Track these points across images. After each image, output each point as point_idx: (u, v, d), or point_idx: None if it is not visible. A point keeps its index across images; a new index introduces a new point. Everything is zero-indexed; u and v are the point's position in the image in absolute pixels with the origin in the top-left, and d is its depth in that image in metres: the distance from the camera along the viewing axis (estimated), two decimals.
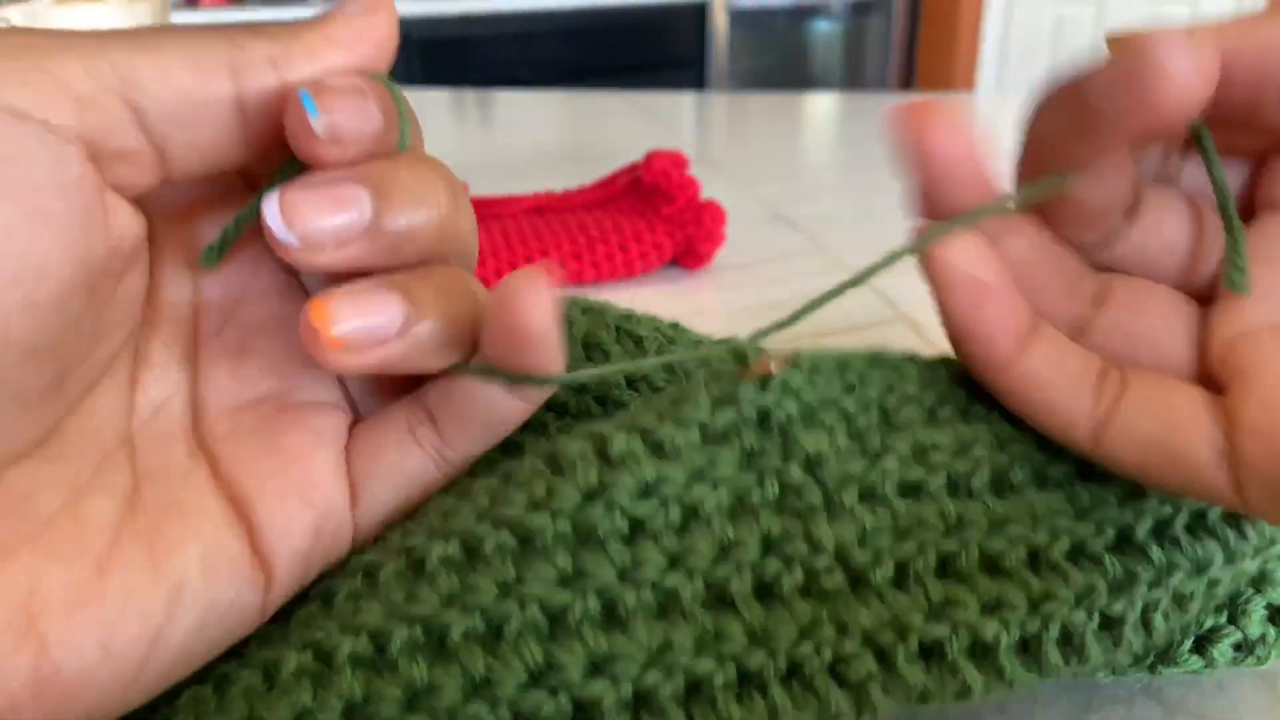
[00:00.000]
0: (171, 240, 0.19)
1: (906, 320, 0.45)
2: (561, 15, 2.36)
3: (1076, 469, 0.21)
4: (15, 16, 0.73)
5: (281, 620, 0.18)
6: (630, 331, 0.25)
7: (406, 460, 0.20)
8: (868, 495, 0.19)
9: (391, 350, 0.18)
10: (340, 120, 0.17)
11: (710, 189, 0.53)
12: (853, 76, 2.88)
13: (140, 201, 0.17)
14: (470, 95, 1.06)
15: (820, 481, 0.19)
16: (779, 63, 2.80)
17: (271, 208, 0.17)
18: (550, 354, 0.18)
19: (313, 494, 0.19)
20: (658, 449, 0.19)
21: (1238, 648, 0.22)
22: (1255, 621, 0.22)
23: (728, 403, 0.19)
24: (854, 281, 0.21)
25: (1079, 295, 0.21)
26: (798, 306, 0.21)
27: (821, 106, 1.09)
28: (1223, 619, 0.22)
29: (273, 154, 0.18)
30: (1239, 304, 0.19)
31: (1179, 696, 0.23)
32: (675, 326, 0.26)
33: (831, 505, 0.19)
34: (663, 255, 0.50)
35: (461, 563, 0.18)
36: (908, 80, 2.81)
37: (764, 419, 0.20)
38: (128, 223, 0.17)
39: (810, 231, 0.58)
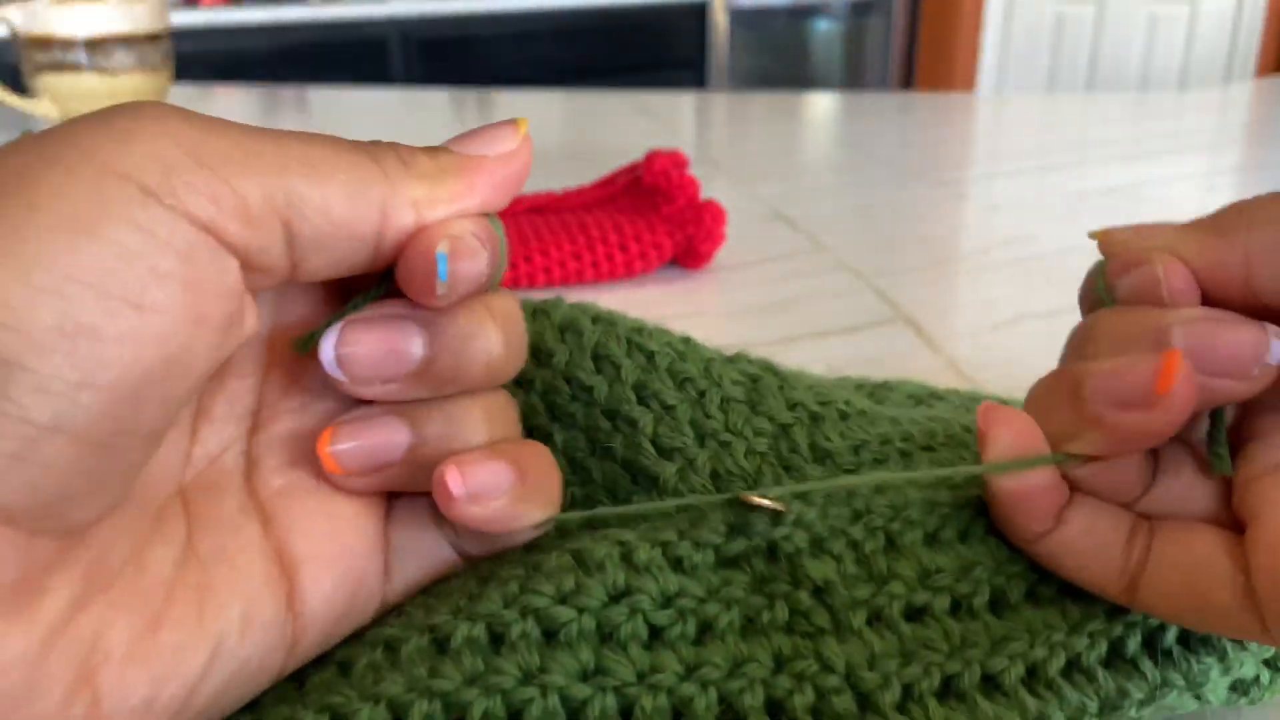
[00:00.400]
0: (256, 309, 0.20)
1: (906, 321, 0.45)
2: (561, 15, 2.36)
3: (1065, 584, 0.21)
4: (15, 16, 0.73)
5: (293, 679, 0.19)
6: (641, 346, 0.25)
7: (437, 548, 0.21)
8: (875, 619, 0.20)
9: (394, 475, 0.19)
10: (458, 278, 0.18)
11: (710, 189, 0.53)
12: (853, 76, 2.88)
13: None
14: (470, 95, 1.06)
15: (828, 606, 0.20)
16: (779, 63, 2.80)
17: (329, 345, 0.18)
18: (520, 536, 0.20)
19: (355, 564, 0.19)
20: (677, 564, 0.20)
21: (1231, 688, 0.22)
22: (1250, 663, 0.22)
23: (739, 533, 0.21)
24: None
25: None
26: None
27: (821, 106, 1.10)
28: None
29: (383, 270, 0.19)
30: (1254, 447, 0.20)
31: None
32: (687, 341, 0.25)
33: (840, 628, 0.20)
34: (663, 255, 0.50)
35: (486, 646, 0.18)
36: (908, 80, 2.81)
37: (772, 549, 0.21)
38: (254, 321, 0.17)
39: (810, 231, 0.58)
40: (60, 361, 0.14)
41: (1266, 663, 0.22)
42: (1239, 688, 0.22)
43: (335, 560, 0.19)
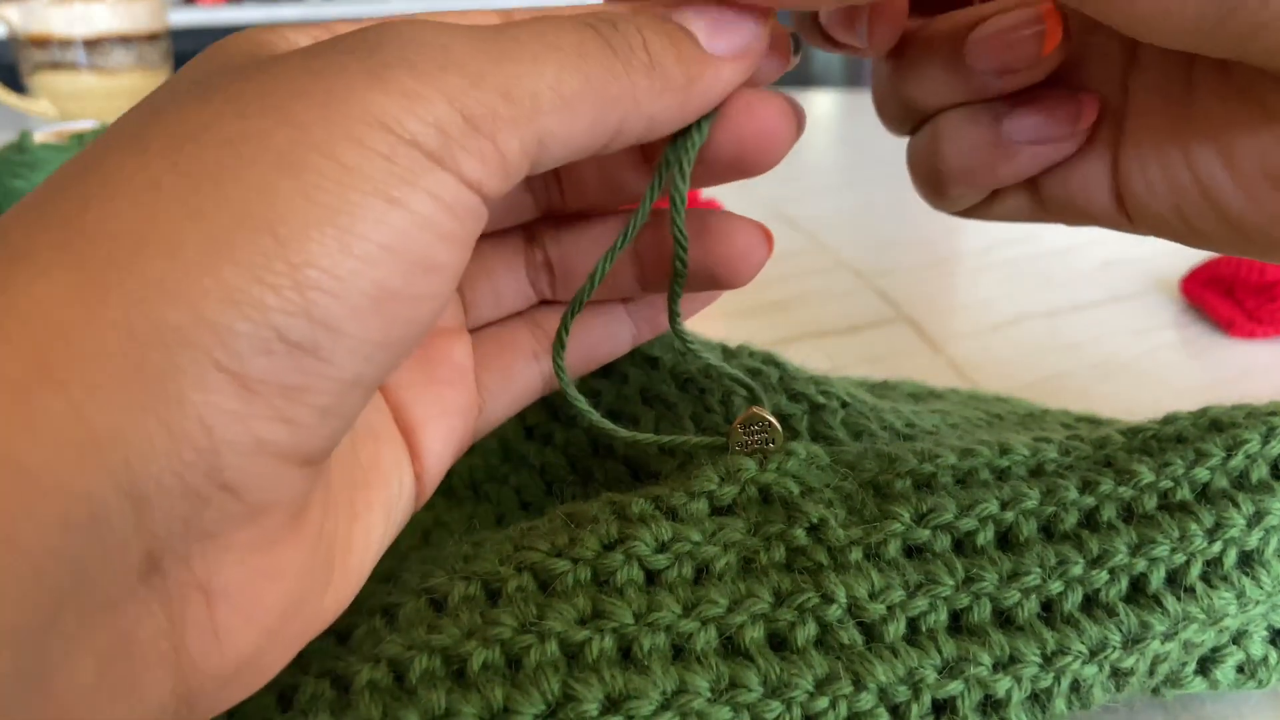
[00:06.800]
0: None
1: (907, 320, 0.45)
2: None
3: (1083, 519, 0.21)
4: (14, 15, 0.73)
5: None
6: (645, 351, 0.25)
7: (528, 385, 0.22)
8: (872, 555, 0.20)
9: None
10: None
11: (710, 189, 0.53)
12: (853, 76, 2.88)
13: None
14: None
15: (825, 543, 0.20)
16: None
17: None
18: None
19: (458, 420, 0.21)
20: (671, 513, 0.20)
21: (1240, 669, 0.22)
22: (1257, 642, 0.22)
23: (731, 480, 0.21)
24: None
25: None
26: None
27: (821, 106, 1.10)
28: (1225, 639, 0.22)
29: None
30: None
31: (1180, 698, 0.23)
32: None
33: (838, 563, 0.20)
34: None
35: (483, 601, 0.18)
36: None
37: (765, 494, 0.21)
38: None
39: (810, 231, 0.58)
40: (372, 325, 0.14)
41: (1273, 641, 0.22)
42: (1246, 669, 0.21)
43: (447, 415, 0.20)
